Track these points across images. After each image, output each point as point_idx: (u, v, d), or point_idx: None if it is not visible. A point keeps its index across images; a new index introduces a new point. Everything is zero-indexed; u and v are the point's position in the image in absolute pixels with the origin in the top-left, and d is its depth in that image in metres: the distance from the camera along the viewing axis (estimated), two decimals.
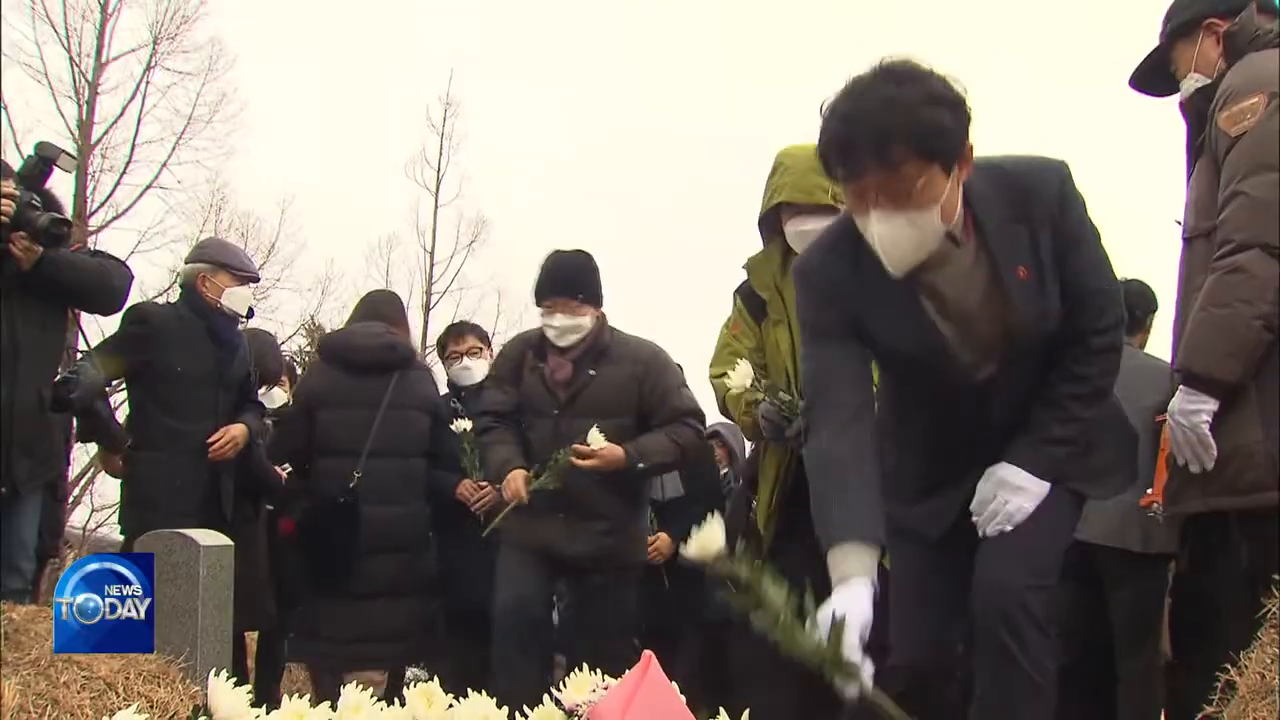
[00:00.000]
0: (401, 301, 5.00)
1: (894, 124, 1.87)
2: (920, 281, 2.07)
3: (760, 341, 3.39)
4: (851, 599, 1.88)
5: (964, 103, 1.95)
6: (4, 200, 3.25)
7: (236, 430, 4.05)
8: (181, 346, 3.99)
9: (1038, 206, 2.06)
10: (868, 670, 1.84)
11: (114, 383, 4.08)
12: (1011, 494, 2.16)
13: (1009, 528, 2.16)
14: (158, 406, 3.97)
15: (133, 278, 3.83)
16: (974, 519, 2.21)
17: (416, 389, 4.37)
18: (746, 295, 3.45)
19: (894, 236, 1.97)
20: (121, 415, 4.36)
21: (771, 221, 3.37)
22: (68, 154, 3.63)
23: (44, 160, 3.51)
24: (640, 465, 3.76)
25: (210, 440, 3.99)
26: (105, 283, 3.61)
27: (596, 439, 3.68)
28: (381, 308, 4.62)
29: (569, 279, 3.83)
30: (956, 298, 2.10)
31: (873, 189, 1.94)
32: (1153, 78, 2.83)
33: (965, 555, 2.22)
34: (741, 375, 3.24)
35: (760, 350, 3.38)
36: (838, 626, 1.80)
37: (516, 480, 3.75)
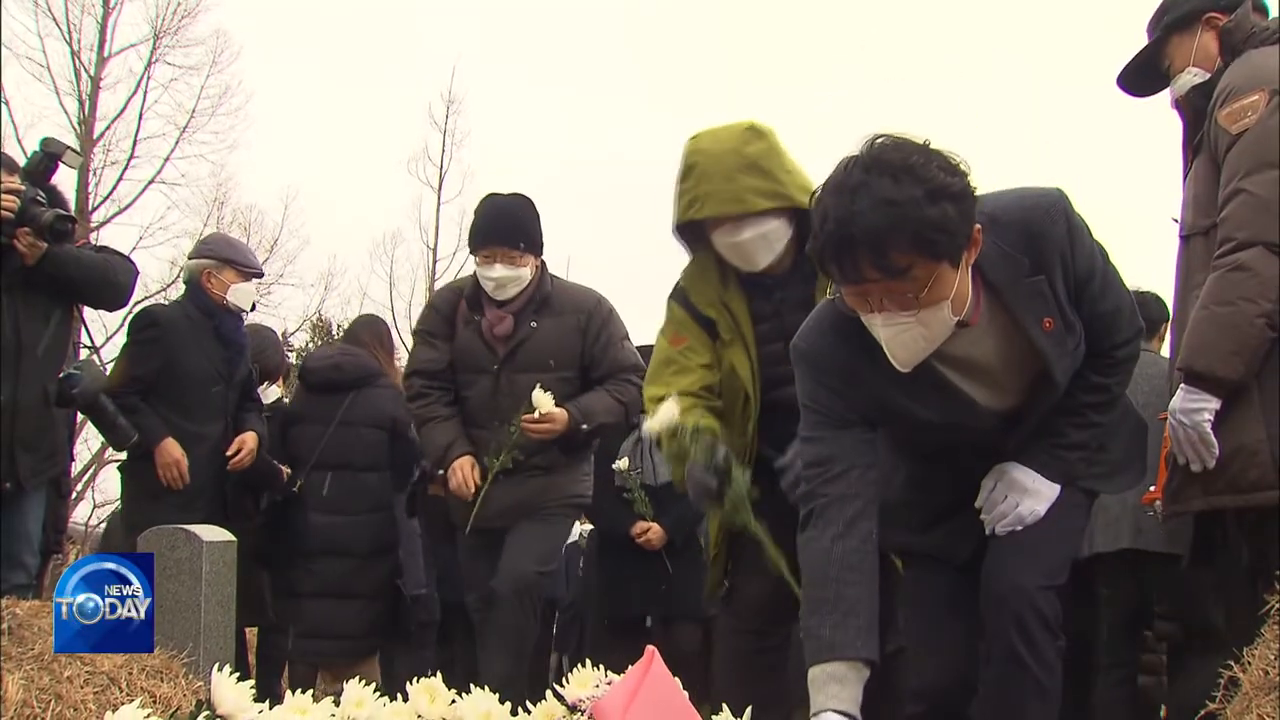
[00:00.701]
0: (383, 325, 5.15)
1: (893, 230, 1.72)
2: (934, 354, 1.96)
3: (713, 359, 2.82)
4: None
5: (967, 185, 1.80)
6: (7, 196, 3.25)
7: (251, 440, 4.15)
8: (191, 348, 4.06)
9: (1050, 252, 1.96)
10: None
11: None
12: (1023, 496, 2.14)
13: (1019, 528, 2.13)
14: (168, 407, 4.01)
15: (137, 273, 3.86)
16: (981, 516, 2.19)
17: (372, 406, 4.48)
18: (690, 306, 2.86)
19: (902, 339, 1.86)
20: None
21: (693, 229, 2.81)
22: (73, 150, 3.66)
23: (49, 156, 3.54)
24: (584, 426, 3.55)
25: (229, 454, 4.10)
26: (110, 279, 3.63)
27: (542, 400, 3.47)
28: (358, 332, 4.94)
29: (510, 226, 3.57)
30: (977, 361, 2.03)
31: (876, 294, 1.81)
32: (1139, 77, 2.82)
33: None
34: (663, 416, 2.64)
35: (713, 368, 2.82)
36: None
37: (464, 470, 3.54)
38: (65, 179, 3.63)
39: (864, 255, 1.74)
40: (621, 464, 4.71)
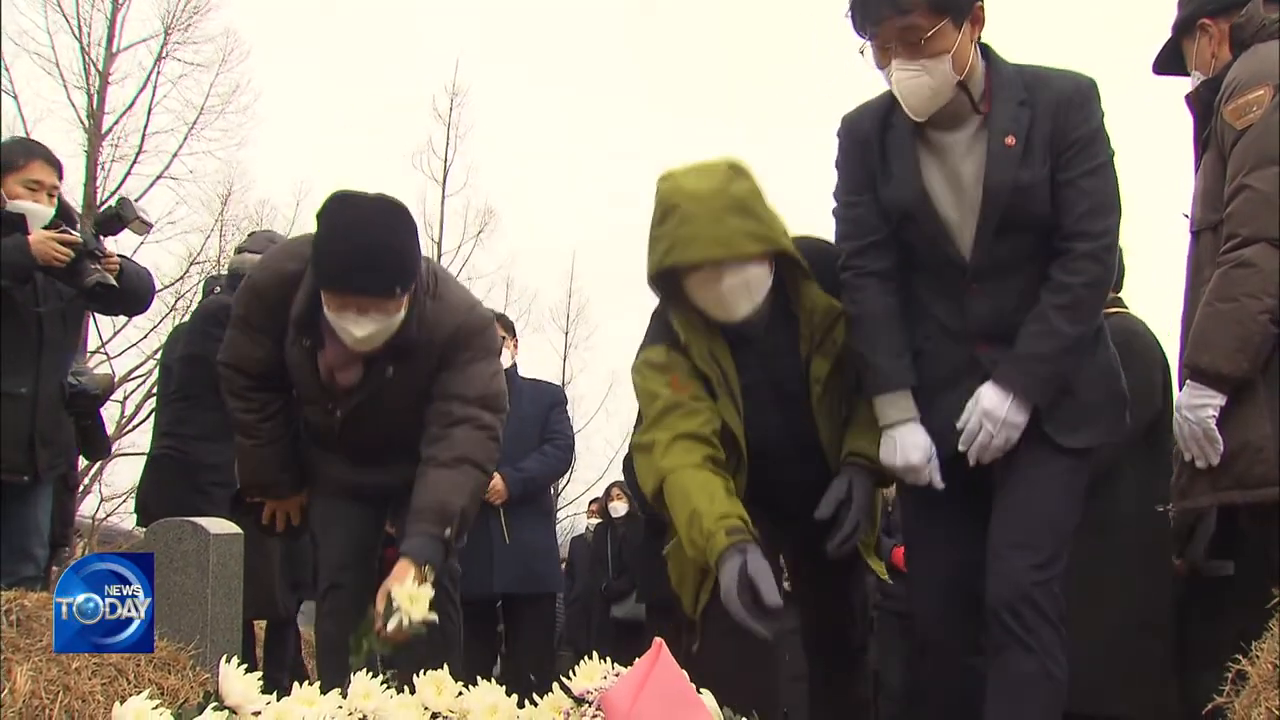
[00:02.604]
0: None
1: None
2: (929, 139, 2.35)
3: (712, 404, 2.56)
4: (915, 434, 2.38)
5: None
6: (62, 249, 3.39)
7: None
8: None
9: (1048, 98, 2.29)
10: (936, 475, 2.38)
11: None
12: (997, 426, 2.29)
13: (998, 457, 2.32)
14: (209, 396, 4.09)
15: (154, 280, 4.01)
16: (960, 447, 2.34)
17: None
18: (676, 353, 2.57)
19: (911, 83, 2.27)
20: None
21: (669, 279, 2.52)
22: (141, 220, 3.85)
23: (119, 217, 3.75)
24: (448, 534, 2.67)
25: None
26: (150, 292, 3.87)
27: (414, 600, 2.49)
28: None
29: (387, 268, 2.57)
30: (955, 160, 2.34)
31: (892, 38, 2.25)
32: (1173, 62, 2.83)
33: (983, 499, 2.39)
34: None
35: (716, 415, 2.55)
36: None
37: (277, 514, 3.09)
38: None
39: (884, 1, 2.23)
40: None
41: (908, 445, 2.39)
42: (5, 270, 3.34)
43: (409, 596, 2.48)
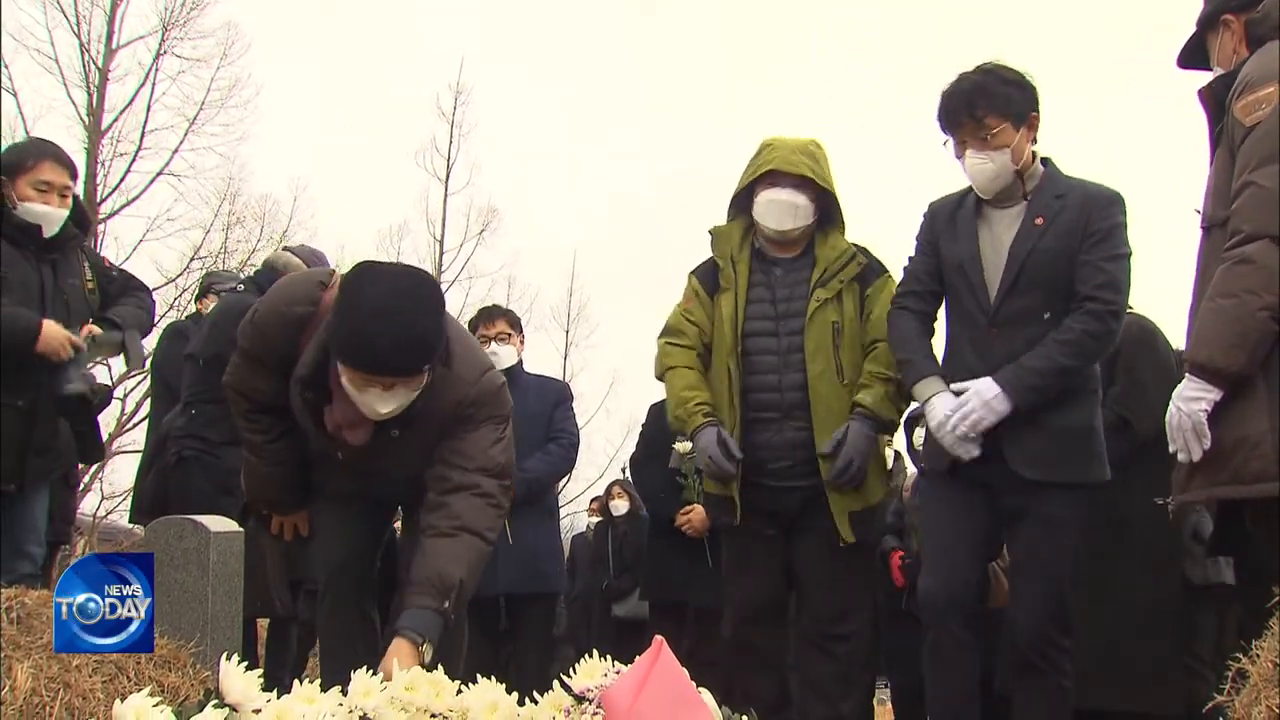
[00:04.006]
0: None
1: (977, 92, 2.97)
2: (986, 214, 3.07)
3: (709, 314, 3.50)
4: (948, 400, 2.98)
5: (1029, 84, 3.01)
6: (67, 351, 3.40)
7: None
8: None
9: (1078, 195, 2.97)
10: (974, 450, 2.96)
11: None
12: (979, 403, 2.89)
13: (973, 434, 2.92)
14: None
15: (154, 302, 4.06)
16: (953, 419, 2.92)
17: None
18: (703, 271, 3.58)
19: (979, 167, 2.99)
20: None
21: (742, 200, 3.53)
22: (139, 352, 3.77)
23: (120, 345, 3.69)
24: (447, 606, 2.59)
25: None
26: (151, 322, 3.93)
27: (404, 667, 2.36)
28: None
29: (420, 349, 2.59)
30: (1000, 230, 3.03)
31: (966, 135, 2.99)
32: (1197, 56, 2.82)
33: (978, 490, 2.99)
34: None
35: (709, 324, 3.50)
36: None
37: (286, 525, 3.17)
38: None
39: (960, 108, 2.99)
40: (682, 446, 4.60)
41: (944, 407, 3.00)
42: (6, 342, 3.30)
43: (397, 667, 2.35)
